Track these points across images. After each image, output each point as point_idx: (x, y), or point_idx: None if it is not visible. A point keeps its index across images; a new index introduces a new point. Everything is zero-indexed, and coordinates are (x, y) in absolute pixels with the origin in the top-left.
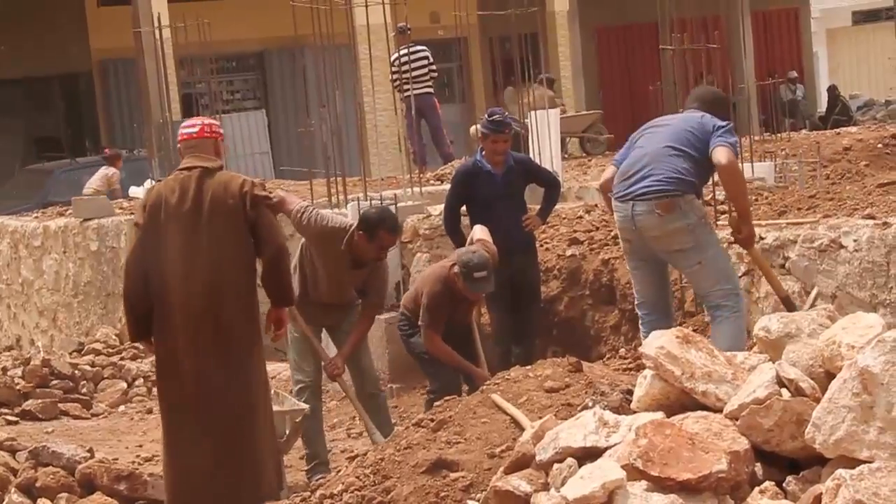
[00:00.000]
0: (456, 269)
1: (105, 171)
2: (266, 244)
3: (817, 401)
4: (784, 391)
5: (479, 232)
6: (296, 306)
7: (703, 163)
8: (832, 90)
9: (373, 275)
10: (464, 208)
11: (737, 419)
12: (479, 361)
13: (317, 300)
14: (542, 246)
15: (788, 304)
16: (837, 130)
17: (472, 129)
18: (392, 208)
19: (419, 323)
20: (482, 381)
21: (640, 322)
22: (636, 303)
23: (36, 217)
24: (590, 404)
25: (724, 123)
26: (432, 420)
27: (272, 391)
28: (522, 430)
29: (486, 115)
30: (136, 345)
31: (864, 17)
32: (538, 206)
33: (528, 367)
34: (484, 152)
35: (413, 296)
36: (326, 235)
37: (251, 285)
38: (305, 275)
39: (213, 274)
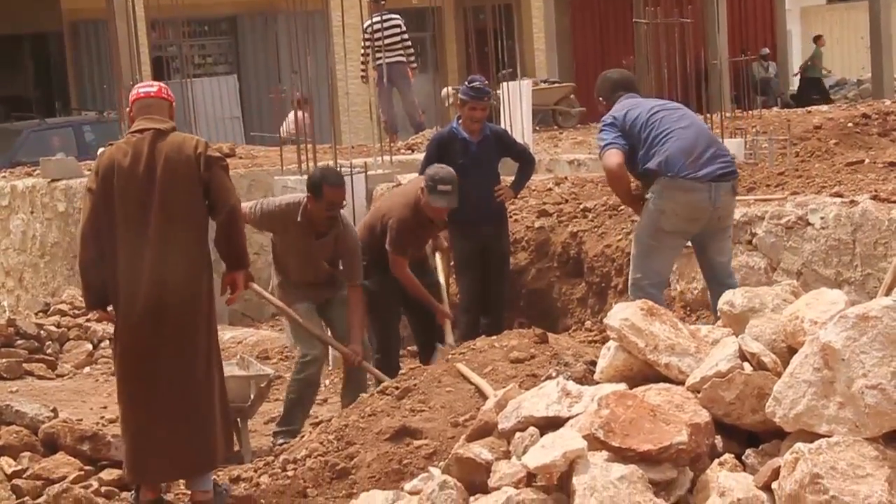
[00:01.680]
0: (422, 184)
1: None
2: (219, 205)
3: (779, 375)
4: (746, 365)
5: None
6: (284, 291)
7: None
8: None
9: (340, 244)
10: None
11: (699, 392)
12: (440, 298)
13: (300, 282)
14: (511, 217)
15: None
16: (808, 109)
17: (444, 91)
18: (362, 176)
19: (386, 247)
20: (442, 316)
21: (648, 297)
22: (649, 282)
23: (3, 177)
24: (553, 374)
25: None
26: (397, 388)
27: (238, 356)
28: (486, 399)
29: (466, 82)
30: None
31: None
32: (511, 179)
33: (495, 337)
34: (461, 119)
35: (366, 222)
36: (281, 216)
37: (204, 247)
38: (280, 264)
39: (166, 237)
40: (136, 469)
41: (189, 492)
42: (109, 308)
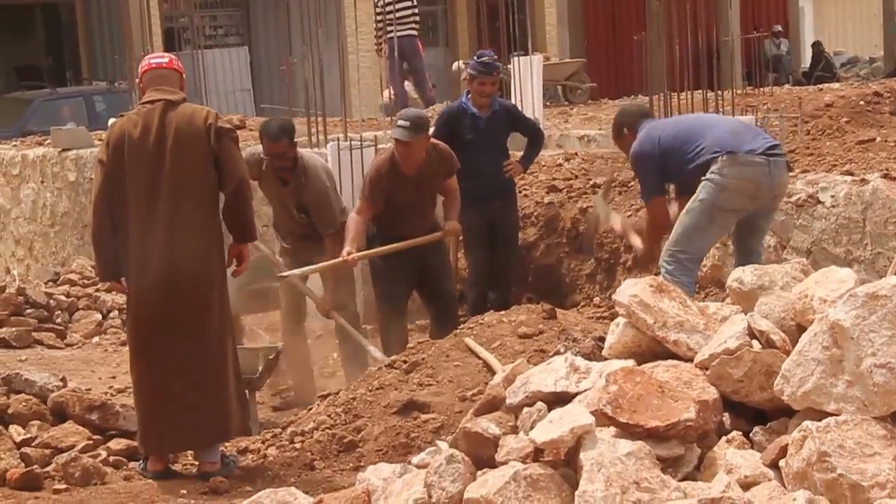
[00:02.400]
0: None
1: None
2: (228, 177)
3: (787, 353)
4: (755, 342)
5: None
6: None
7: None
8: (817, 46)
9: (303, 194)
10: None
11: (707, 369)
12: (452, 281)
13: (285, 233)
14: (520, 192)
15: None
16: (820, 86)
17: (455, 65)
18: (372, 149)
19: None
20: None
21: (683, 273)
22: (688, 256)
23: (14, 146)
24: (561, 350)
25: None
26: (405, 361)
27: (246, 328)
28: (494, 374)
29: (475, 57)
30: (105, 283)
31: None
32: (520, 154)
33: (503, 312)
34: (470, 94)
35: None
36: (254, 164)
37: (215, 219)
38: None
39: (176, 208)
40: (148, 439)
41: (197, 462)
42: (122, 279)
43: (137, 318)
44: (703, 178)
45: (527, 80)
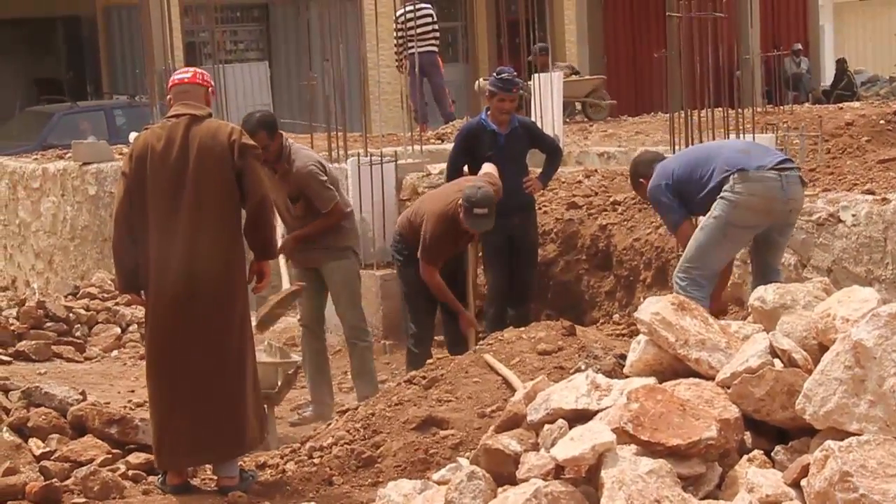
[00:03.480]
0: (461, 201)
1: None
2: (250, 195)
3: (809, 372)
4: (777, 361)
5: (487, 167)
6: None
7: None
8: (841, 63)
9: (289, 183)
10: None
11: (728, 387)
12: (466, 302)
13: (287, 224)
14: (540, 209)
15: None
16: (840, 105)
17: (477, 83)
18: (392, 165)
19: (418, 255)
20: (467, 324)
21: (696, 289)
22: (701, 273)
23: (35, 159)
24: (582, 367)
25: None
26: (424, 377)
27: (265, 342)
28: (514, 390)
29: (494, 73)
30: (124, 296)
31: None
32: (538, 170)
33: (522, 328)
34: (489, 111)
35: (410, 218)
36: None
37: (236, 234)
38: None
39: (197, 223)
40: (164, 454)
41: (215, 477)
42: (142, 292)
43: (155, 332)
44: (718, 196)
45: (547, 97)
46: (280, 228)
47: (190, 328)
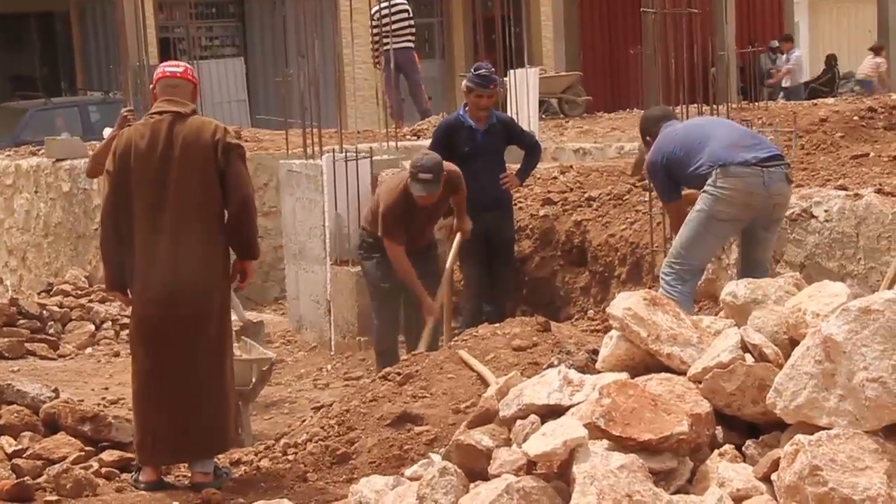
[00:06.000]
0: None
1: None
2: (233, 194)
3: (780, 367)
4: (748, 356)
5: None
6: None
7: None
8: (830, 59)
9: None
10: None
11: (700, 382)
12: (435, 295)
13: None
14: (515, 205)
15: None
16: (814, 101)
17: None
18: (367, 161)
19: (379, 234)
20: (428, 311)
21: (680, 283)
22: (685, 268)
23: (8, 156)
24: (555, 362)
25: None
26: (399, 374)
27: (240, 339)
28: (488, 386)
29: (472, 70)
30: (112, 294)
31: None
32: (517, 166)
33: (497, 324)
34: (468, 107)
35: (371, 207)
36: None
37: (219, 233)
38: None
39: (181, 221)
40: (146, 450)
41: (189, 473)
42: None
43: (139, 330)
44: (702, 190)
45: (523, 93)
46: None
47: (173, 327)
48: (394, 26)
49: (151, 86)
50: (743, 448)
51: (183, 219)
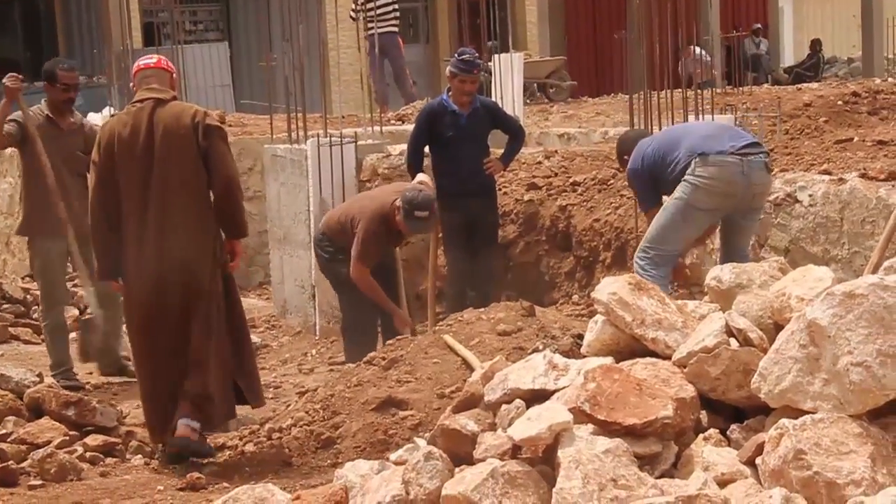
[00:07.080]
0: (398, 203)
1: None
2: (217, 175)
3: (765, 351)
4: (733, 341)
5: (421, 177)
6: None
7: None
8: (815, 44)
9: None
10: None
11: (685, 367)
12: (399, 302)
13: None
14: (500, 190)
15: None
16: (799, 86)
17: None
18: (352, 146)
19: (344, 254)
20: (402, 323)
21: (654, 268)
22: (659, 253)
23: None
24: (540, 347)
25: None
26: (383, 358)
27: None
28: (473, 371)
29: (455, 55)
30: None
31: None
32: (501, 151)
33: (482, 309)
34: (451, 92)
35: (339, 219)
36: None
37: (206, 215)
38: None
39: (166, 206)
40: (154, 433)
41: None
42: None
43: (133, 317)
44: (682, 179)
45: (507, 78)
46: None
47: (165, 312)
48: (378, 11)
49: (132, 84)
50: (727, 432)
51: (169, 203)
